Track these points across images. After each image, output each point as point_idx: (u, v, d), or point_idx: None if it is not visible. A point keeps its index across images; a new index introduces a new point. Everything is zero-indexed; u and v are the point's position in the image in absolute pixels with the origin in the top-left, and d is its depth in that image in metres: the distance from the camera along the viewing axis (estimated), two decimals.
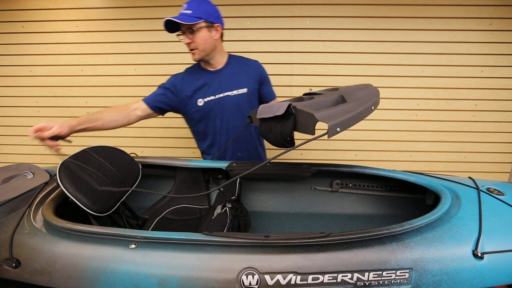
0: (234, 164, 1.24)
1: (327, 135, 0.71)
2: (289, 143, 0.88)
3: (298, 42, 2.07)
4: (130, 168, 1.13)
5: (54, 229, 0.86)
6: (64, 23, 2.12)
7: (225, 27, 1.31)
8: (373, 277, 0.75)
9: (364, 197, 1.32)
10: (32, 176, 1.15)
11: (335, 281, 0.75)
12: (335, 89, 1.07)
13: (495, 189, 1.05)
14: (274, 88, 1.52)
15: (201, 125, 1.39)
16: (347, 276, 0.75)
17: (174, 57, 2.12)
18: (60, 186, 0.87)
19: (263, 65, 1.46)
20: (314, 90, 1.12)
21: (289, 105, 0.83)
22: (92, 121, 1.18)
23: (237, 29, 2.06)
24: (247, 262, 0.75)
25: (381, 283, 0.75)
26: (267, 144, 1.31)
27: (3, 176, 1.13)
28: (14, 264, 0.81)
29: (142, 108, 1.30)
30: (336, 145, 2.28)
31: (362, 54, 2.07)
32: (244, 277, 0.74)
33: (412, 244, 0.78)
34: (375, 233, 0.77)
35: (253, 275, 0.74)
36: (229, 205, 1.10)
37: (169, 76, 1.38)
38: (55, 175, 0.92)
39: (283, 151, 0.75)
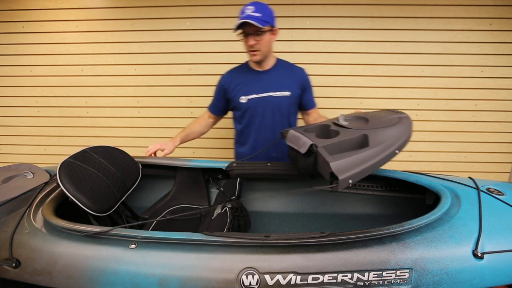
0: (234, 164, 1.24)
1: (338, 186, 0.77)
2: (310, 177, 0.99)
3: (298, 42, 2.07)
4: (130, 168, 1.13)
5: (54, 229, 0.86)
6: (64, 23, 2.11)
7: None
8: (373, 277, 0.75)
9: (364, 197, 1.32)
10: (32, 176, 1.15)
11: (335, 281, 0.75)
12: (365, 119, 1.05)
13: (495, 189, 1.05)
14: None
15: (242, 122, 1.44)
16: (347, 276, 0.75)
17: (174, 57, 2.12)
18: (60, 186, 0.87)
19: None
20: (345, 113, 1.11)
21: (311, 145, 0.89)
22: (187, 136, 1.47)
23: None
24: (247, 262, 0.75)
25: (381, 283, 0.75)
26: None
27: (3, 176, 1.13)
28: (14, 264, 0.81)
29: (212, 116, 1.51)
30: None
31: (362, 54, 2.07)
32: (244, 277, 0.74)
33: (412, 244, 0.78)
34: (375, 233, 0.77)
35: (253, 275, 0.74)
36: (229, 205, 1.10)
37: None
38: (55, 175, 0.92)
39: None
